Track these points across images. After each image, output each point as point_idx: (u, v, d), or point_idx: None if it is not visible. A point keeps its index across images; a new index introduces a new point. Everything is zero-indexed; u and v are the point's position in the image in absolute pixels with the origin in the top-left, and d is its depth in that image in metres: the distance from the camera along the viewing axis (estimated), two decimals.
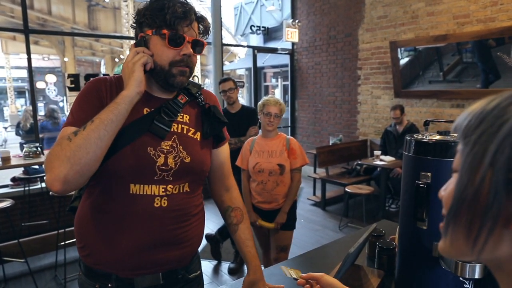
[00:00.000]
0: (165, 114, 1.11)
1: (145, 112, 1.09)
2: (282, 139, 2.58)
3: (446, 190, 0.47)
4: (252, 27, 6.92)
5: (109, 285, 1.09)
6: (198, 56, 1.15)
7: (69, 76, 3.97)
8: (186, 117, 1.17)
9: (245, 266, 1.84)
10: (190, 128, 1.16)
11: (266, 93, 12.80)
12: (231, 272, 3.29)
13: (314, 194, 5.58)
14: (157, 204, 1.07)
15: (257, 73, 7.04)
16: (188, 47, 1.06)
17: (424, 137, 1.12)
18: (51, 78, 14.05)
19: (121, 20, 14.61)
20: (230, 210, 1.30)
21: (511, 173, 0.36)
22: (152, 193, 1.07)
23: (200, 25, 1.11)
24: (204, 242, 3.99)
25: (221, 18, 5.79)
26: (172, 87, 1.11)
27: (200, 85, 1.27)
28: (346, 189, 4.29)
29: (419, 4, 4.89)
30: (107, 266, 1.09)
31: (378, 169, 4.73)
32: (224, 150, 1.30)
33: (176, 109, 1.14)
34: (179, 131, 1.13)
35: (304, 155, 2.59)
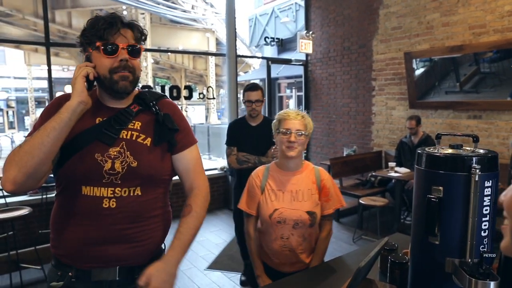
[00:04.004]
0: (115, 123, 1.20)
1: (97, 122, 1.21)
2: (310, 171, 1.83)
3: (507, 196, 0.51)
4: (267, 39, 6.99)
5: (70, 273, 1.20)
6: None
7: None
8: (138, 124, 1.25)
9: (256, 278, 1.83)
10: (140, 135, 1.24)
11: (280, 104, 12.79)
12: (243, 284, 3.28)
13: None
14: (105, 204, 1.17)
15: (271, 83, 7.08)
16: (123, 53, 1.16)
17: (436, 151, 1.11)
18: (69, 88, 14.38)
19: None
20: (184, 206, 1.36)
21: None
22: (101, 195, 1.17)
23: (134, 31, 1.20)
24: (206, 250, 3.99)
25: (235, 30, 5.86)
26: (118, 93, 1.20)
27: (161, 95, 1.35)
28: (360, 201, 4.24)
29: (434, 15, 4.86)
30: (67, 257, 1.21)
31: (393, 181, 4.67)
32: (185, 156, 1.33)
33: (127, 117, 1.23)
34: (129, 137, 1.22)
35: (339, 195, 1.85)
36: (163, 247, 1.39)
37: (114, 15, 1.18)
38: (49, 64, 4.51)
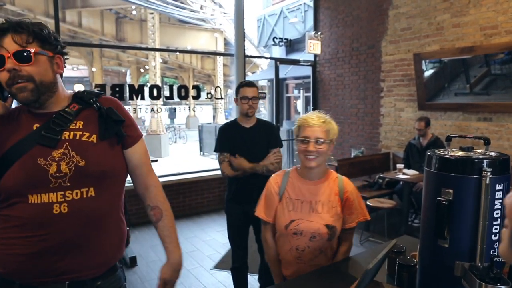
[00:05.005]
0: (55, 124, 1.14)
1: (34, 128, 1.14)
2: (333, 182, 1.70)
3: (510, 199, 0.50)
4: (275, 39, 6.98)
5: None
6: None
7: (96, 86, 4.12)
8: (80, 123, 1.19)
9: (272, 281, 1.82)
10: (84, 133, 1.17)
11: (288, 105, 12.76)
12: None
13: None
14: (56, 211, 1.10)
15: (279, 84, 7.07)
16: (10, 62, 1.05)
17: (446, 153, 1.10)
18: (79, 87, 14.57)
19: (147, 31, 15.03)
20: (149, 209, 1.33)
21: None
22: (50, 201, 1.09)
23: (22, 34, 1.07)
24: (212, 250, 3.99)
25: (244, 30, 5.86)
26: (25, 105, 1.14)
27: (100, 92, 1.29)
28: (368, 203, 4.22)
29: (444, 16, 4.82)
30: (10, 274, 1.12)
31: (401, 182, 4.63)
32: (136, 150, 1.30)
33: (67, 117, 1.17)
34: (71, 137, 1.15)
35: (363, 207, 1.72)
36: (119, 265, 1.30)
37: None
38: None
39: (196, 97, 5.40)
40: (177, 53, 19.16)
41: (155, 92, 4.90)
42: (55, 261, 1.11)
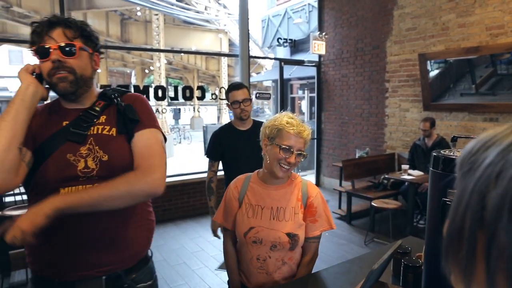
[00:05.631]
0: (82, 121, 1.19)
1: (64, 125, 1.19)
2: (296, 186, 1.58)
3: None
4: (279, 40, 6.99)
5: None
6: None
7: (101, 87, 4.14)
8: (103, 117, 1.23)
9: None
10: (105, 126, 1.21)
11: (293, 105, 12.75)
12: None
13: (340, 207, 5.49)
14: None
15: (283, 85, 7.07)
16: (55, 53, 1.12)
17: (452, 153, 1.10)
18: None
19: (151, 32, 15.10)
20: None
21: (484, 211, 0.37)
22: None
23: (69, 30, 1.15)
24: (217, 250, 4.00)
25: (248, 30, 5.87)
26: (62, 95, 1.20)
27: (124, 91, 1.33)
28: (373, 203, 4.21)
29: (450, 16, 4.80)
30: (49, 270, 1.15)
31: (406, 183, 4.61)
32: (135, 142, 1.22)
33: (93, 113, 1.22)
34: (95, 132, 1.20)
35: (329, 215, 1.60)
36: (150, 254, 1.35)
37: (48, 17, 1.15)
38: None
39: (201, 97, 5.42)
40: (182, 54, 19.24)
41: (160, 93, 4.92)
42: (86, 253, 1.14)
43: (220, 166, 2.67)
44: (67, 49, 1.13)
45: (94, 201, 1.06)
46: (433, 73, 4.97)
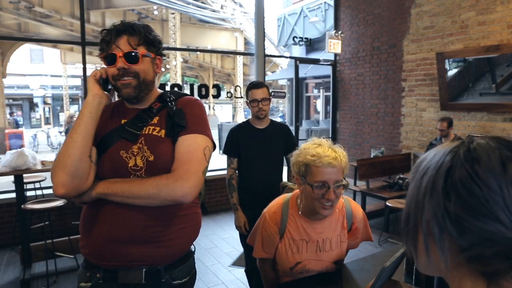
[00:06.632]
0: (137, 121, 1.26)
1: (122, 122, 1.27)
2: (340, 213, 1.50)
3: None
4: (295, 38, 6.97)
5: (97, 275, 1.22)
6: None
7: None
8: (156, 118, 1.28)
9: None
10: (156, 127, 1.26)
11: (308, 104, 12.69)
12: None
13: None
14: None
15: (298, 83, 7.07)
16: (121, 61, 1.20)
17: None
18: None
19: (168, 31, 15.25)
20: None
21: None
22: None
23: (133, 37, 1.21)
24: (231, 247, 4.02)
25: (264, 29, 5.89)
26: (126, 99, 1.28)
27: (182, 94, 1.37)
28: (387, 203, 4.17)
29: (469, 14, 4.71)
30: (93, 256, 1.23)
31: None
32: (177, 146, 1.23)
33: (149, 114, 1.28)
34: (147, 132, 1.25)
35: (369, 231, 1.59)
36: (192, 249, 1.40)
37: (112, 26, 1.23)
38: (84, 62, 4.69)
39: (216, 96, 5.47)
40: (198, 52, 19.37)
41: None
42: (126, 247, 1.19)
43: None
44: (131, 56, 1.20)
45: (124, 196, 1.15)
46: (451, 72, 4.89)
